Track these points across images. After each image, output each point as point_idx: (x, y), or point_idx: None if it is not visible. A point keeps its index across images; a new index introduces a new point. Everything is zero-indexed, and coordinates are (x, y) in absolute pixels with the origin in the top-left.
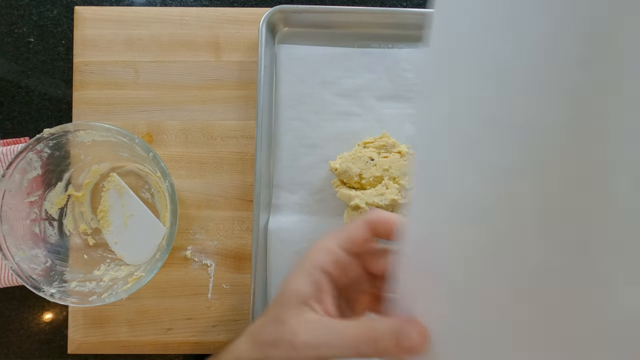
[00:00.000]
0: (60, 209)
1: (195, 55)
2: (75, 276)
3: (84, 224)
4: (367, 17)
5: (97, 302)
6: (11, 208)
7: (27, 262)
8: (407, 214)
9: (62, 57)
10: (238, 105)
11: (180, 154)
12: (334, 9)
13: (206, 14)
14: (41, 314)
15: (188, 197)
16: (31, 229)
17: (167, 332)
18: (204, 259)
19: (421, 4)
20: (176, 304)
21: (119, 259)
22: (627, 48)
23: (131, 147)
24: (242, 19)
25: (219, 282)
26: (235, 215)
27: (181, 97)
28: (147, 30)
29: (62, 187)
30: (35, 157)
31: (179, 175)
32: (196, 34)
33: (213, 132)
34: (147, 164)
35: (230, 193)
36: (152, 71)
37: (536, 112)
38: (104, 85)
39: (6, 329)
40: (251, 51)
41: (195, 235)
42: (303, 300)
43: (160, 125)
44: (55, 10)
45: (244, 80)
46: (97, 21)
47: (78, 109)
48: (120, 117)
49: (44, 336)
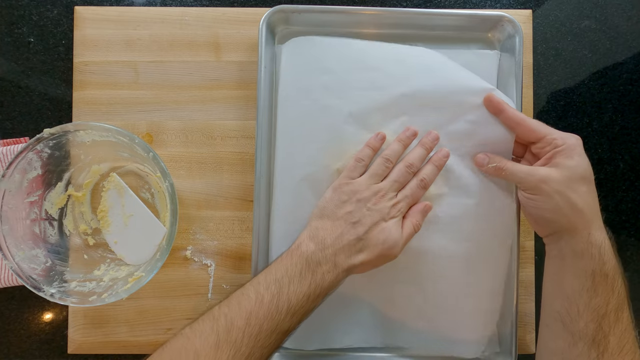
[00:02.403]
0: (60, 209)
1: (195, 55)
2: (75, 276)
3: (84, 224)
4: (366, 17)
5: (97, 302)
6: (11, 208)
7: (27, 262)
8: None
9: (62, 57)
10: (238, 105)
11: (180, 154)
12: (334, 8)
13: (206, 14)
14: (41, 314)
15: (188, 197)
16: (31, 229)
17: (167, 332)
18: (204, 259)
19: (421, 4)
20: (176, 304)
21: (119, 259)
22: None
23: (131, 147)
24: (242, 19)
25: (219, 282)
26: (235, 215)
27: (181, 97)
28: (147, 30)
29: (62, 187)
30: (35, 157)
31: (179, 175)
32: (196, 34)
33: (213, 132)
34: (147, 164)
35: (230, 193)
36: (152, 71)
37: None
38: (104, 85)
39: (6, 329)
40: (251, 51)
41: (195, 235)
42: None
43: (160, 125)
44: (55, 10)
45: (244, 80)
46: (97, 21)
47: (78, 109)
48: (120, 117)
49: (44, 336)
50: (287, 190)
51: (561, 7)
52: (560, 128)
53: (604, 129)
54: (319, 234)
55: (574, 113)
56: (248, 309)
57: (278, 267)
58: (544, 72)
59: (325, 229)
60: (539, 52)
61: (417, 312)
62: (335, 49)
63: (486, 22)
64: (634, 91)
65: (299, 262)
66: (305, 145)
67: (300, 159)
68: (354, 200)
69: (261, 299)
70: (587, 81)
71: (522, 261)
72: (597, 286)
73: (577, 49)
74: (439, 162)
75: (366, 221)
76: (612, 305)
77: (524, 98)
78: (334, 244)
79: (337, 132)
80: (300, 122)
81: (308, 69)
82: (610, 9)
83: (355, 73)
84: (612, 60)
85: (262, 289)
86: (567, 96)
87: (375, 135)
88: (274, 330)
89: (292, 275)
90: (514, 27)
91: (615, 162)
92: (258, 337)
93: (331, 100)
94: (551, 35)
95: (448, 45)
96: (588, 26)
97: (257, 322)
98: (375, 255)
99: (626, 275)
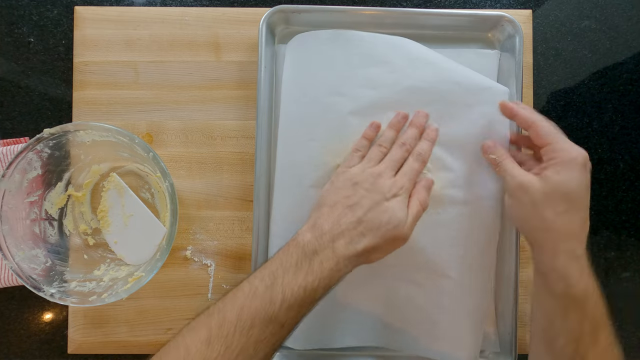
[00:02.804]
0: (60, 209)
1: (195, 55)
2: (75, 276)
3: (84, 224)
4: (366, 17)
5: (97, 302)
6: (11, 208)
7: (27, 262)
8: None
9: (62, 57)
10: (238, 105)
11: (180, 154)
12: (334, 8)
13: (206, 14)
14: (41, 314)
15: (188, 197)
16: (31, 229)
17: (167, 332)
18: (204, 259)
19: (421, 4)
20: (176, 304)
21: (119, 259)
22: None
23: (131, 147)
24: (242, 19)
25: (219, 282)
26: (235, 215)
27: (181, 97)
28: (147, 30)
29: (62, 187)
30: (35, 157)
31: (179, 175)
32: (196, 34)
33: (213, 132)
34: (147, 164)
35: (230, 193)
36: (152, 71)
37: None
38: (104, 85)
39: (6, 329)
40: (251, 51)
41: (195, 235)
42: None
43: (160, 125)
44: (55, 10)
45: (244, 80)
46: (97, 21)
47: (78, 109)
48: (120, 117)
49: (44, 336)
50: (287, 189)
51: (561, 7)
52: (560, 128)
53: (604, 129)
54: (317, 222)
55: (574, 113)
56: (240, 302)
57: (274, 259)
58: (544, 72)
59: (323, 217)
60: (539, 52)
61: (416, 312)
62: (340, 43)
63: (486, 22)
64: (634, 91)
65: (295, 253)
66: (306, 143)
67: (301, 157)
68: (349, 185)
69: (254, 291)
70: (587, 81)
71: (522, 261)
72: (566, 309)
73: (577, 49)
74: (431, 135)
75: (364, 202)
76: (586, 327)
77: (524, 98)
78: (332, 230)
79: (338, 130)
80: (302, 119)
81: (311, 65)
82: (610, 9)
83: (359, 69)
84: (612, 60)
85: (257, 281)
86: (567, 96)
87: (370, 125)
88: (268, 323)
89: (288, 266)
90: (514, 27)
91: (615, 162)
92: (251, 331)
93: (333, 97)
94: (551, 35)
95: (448, 45)
96: (588, 26)
97: (249, 315)
98: (381, 238)
99: (626, 275)
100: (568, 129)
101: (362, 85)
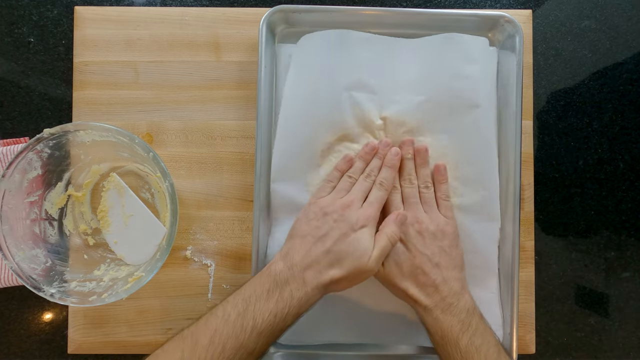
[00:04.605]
0: (60, 209)
1: (195, 55)
2: (75, 276)
3: (84, 224)
4: (366, 17)
5: (97, 302)
6: (11, 208)
7: (27, 262)
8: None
9: (62, 57)
10: (238, 105)
11: (180, 154)
12: (334, 8)
13: (206, 14)
14: (41, 314)
15: (188, 197)
16: (31, 229)
17: (167, 332)
18: (204, 259)
19: (421, 4)
20: (176, 304)
21: (119, 259)
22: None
23: (131, 147)
24: (242, 19)
25: (219, 282)
26: (235, 215)
27: (181, 97)
28: (147, 30)
29: (62, 187)
30: (35, 157)
31: (179, 175)
32: (196, 34)
33: (213, 132)
34: (147, 164)
35: (230, 193)
36: (152, 71)
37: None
38: (104, 85)
39: (6, 329)
40: (251, 51)
41: (195, 235)
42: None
43: (160, 125)
44: (55, 10)
45: (244, 80)
46: (97, 21)
47: (78, 109)
48: (120, 117)
49: (44, 336)
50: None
51: (561, 7)
52: (560, 128)
53: (604, 129)
54: (289, 253)
55: (574, 113)
56: (213, 327)
57: (247, 286)
58: (544, 72)
59: (294, 248)
60: (539, 52)
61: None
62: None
63: (486, 22)
64: (634, 91)
65: (267, 281)
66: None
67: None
68: (320, 215)
69: (227, 317)
70: (587, 81)
71: (522, 261)
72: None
73: (577, 49)
74: (390, 162)
75: (333, 233)
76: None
77: (524, 98)
78: (302, 261)
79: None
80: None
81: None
82: (610, 9)
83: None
84: (612, 60)
85: (230, 307)
86: (567, 96)
87: (343, 158)
88: (239, 349)
89: (260, 294)
90: (514, 27)
91: (615, 162)
92: (222, 355)
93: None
94: (551, 35)
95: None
96: (588, 26)
97: (220, 340)
98: (348, 269)
99: (626, 275)
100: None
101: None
